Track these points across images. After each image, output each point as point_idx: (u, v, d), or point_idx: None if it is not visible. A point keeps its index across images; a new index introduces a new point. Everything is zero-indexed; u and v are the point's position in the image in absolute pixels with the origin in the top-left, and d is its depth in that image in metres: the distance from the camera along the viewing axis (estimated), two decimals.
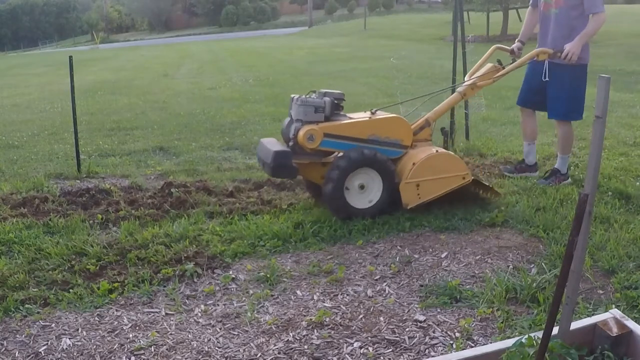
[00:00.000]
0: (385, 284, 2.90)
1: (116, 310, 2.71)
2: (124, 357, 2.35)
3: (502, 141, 5.77)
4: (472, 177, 3.79)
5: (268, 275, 2.97)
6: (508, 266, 3.02)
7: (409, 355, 2.30)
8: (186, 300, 2.80)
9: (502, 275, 2.87)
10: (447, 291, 2.75)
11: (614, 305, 2.49)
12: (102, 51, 29.50)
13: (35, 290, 2.86)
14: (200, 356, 2.34)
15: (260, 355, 2.33)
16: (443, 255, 3.19)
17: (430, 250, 3.27)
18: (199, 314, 2.67)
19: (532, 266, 3.01)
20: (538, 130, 4.71)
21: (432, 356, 2.27)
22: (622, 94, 8.39)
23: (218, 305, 2.75)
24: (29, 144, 6.45)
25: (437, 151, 3.73)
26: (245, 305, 2.73)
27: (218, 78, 12.96)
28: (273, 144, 3.76)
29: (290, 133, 3.67)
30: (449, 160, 3.73)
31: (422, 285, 2.86)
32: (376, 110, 3.87)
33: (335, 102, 3.69)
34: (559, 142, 4.44)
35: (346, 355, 2.32)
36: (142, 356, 2.35)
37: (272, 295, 2.82)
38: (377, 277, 2.98)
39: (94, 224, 3.73)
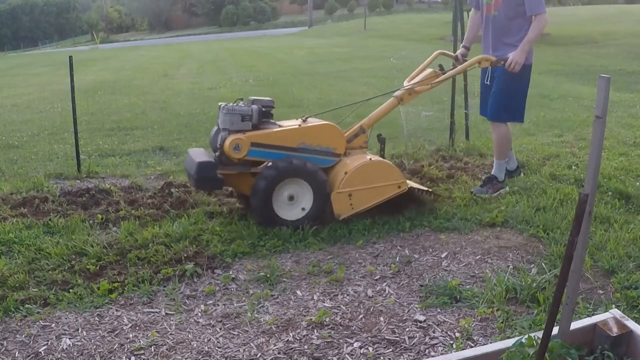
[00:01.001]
0: (385, 284, 2.90)
1: (116, 310, 2.71)
2: (124, 357, 2.35)
3: None
4: (410, 185, 3.67)
5: (268, 275, 2.97)
6: (508, 266, 3.02)
7: (409, 355, 2.30)
8: (186, 300, 2.80)
9: (502, 275, 2.87)
10: (447, 291, 2.75)
11: (614, 305, 2.49)
12: (102, 51, 29.50)
13: (35, 290, 2.86)
14: (200, 356, 2.34)
15: (260, 355, 2.33)
16: (443, 255, 3.19)
17: (430, 250, 3.27)
18: (199, 314, 2.67)
19: (532, 266, 3.01)
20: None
21: (432, 356, 2.27)
22: (622, 94, 8.39)
23: (218, 305, 2.75)
24: (29, 144, 6.45)
25: (370, 159, 3.60)
26: (245, 305, 2.73)
27: (218, 78, 12.96)
28: (199, 155, 3.63)
29: (217, 143, 3.54)
30: (383, 169, 3.61)
31: (422, 285, 2.86)
32: (307, 118, 3.74)
33: (264, 109, 3.56)
34: (494, 146, 4.27)
35: (346, 355, 2.32)
36: (142, 356, 2.35)
37: (272, 295, 2.82)
38: (377, 277, 2.98)
39: (94, 224, 3.73)
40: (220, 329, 2.54)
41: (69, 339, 2.48)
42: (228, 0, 53.36)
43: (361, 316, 2.60)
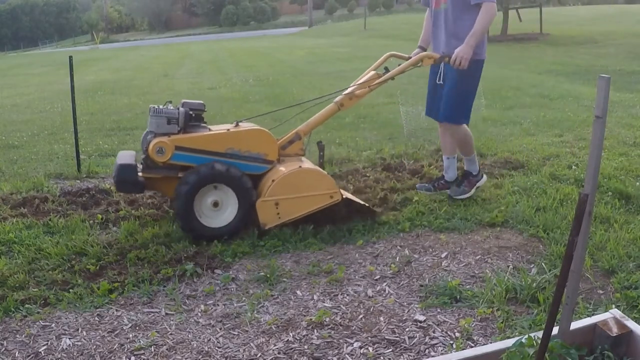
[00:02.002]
0: (385, 284, 2.90)
1: (116, 310, 2.71)
2: (124, 357, 2.35)
3: (502, 141, 5.77)
4: (344, 196, 3.51)
5: (268, 275, 2.97)
6: (508, 266, 3.02)
7: (409, 355, 2.30)
8: (186, 300, 2.80)
9: (502, 275, 2.87)
10: (447, 291, 2.75)
11: (614, 305, 2.49)
12: (102, 51, 29.51)
13: (35, 290, 2.86)
14: (200, 356, 2.34)
15: (260, 355, 2.34)
16: (443, 255, 3.19)
17: (430, 250, 3.27)
18: (199, 314, 2.67)
19: (532, 266, 3.01)
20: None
21: (432, 356, 2.27)
22: (622, 94, 8.38)
23: (218, 305, 2.75)
24: (29, 144, 6.45)
25: (300, 167, 3.44)
26: (245, 305, 2.73)
27: (218, 78, 12.96)
28: (123, 157, 3.54)
29: (144, 145, 3.45)
30: (314, 178, 3.43)
31: (422, 285, 2.86)
32: (239, 122, 3.62)
33: (191, 112, 3.46)
34: (458, 146, 4.07)
35: (346, 355, 2.32)
36: (142, 356, 2.35)
37: (272, 295, 2.82)
38: (377, 277, 2.98)
39: (94, 224, 3.73)
40: (220, 329, 2.55)
41: (69, 339, 2.48)
42: (228, 0, 53.36)
43: (361, 316, 2.60)
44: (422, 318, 2.56)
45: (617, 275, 2.82)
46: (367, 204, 3.67)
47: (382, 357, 2.30)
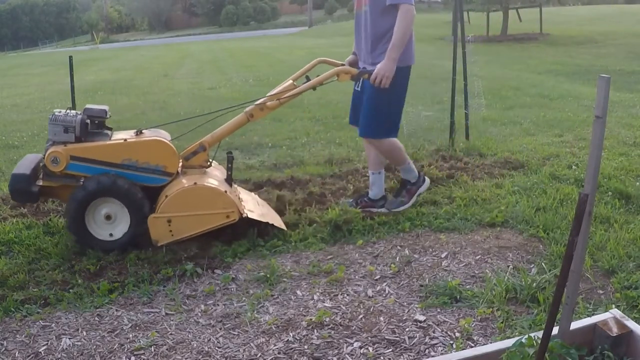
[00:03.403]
0: (385, 284, 2.90)
1: (116, 310, 2.71)
2: (124, 357, 2.35)
3: (502, 141, 5.77)
4: (245, 215, 3.29)
5: (268, 275, 2.97)
6: (508, 266, 3.02)
7: (409, 355, 2.30)
8: (186, 300, 2.80)
9: (502, 275, 2.87)
10: (447, 291, 2.75)
11: (614, 305, 2.49)
12: (102, 51, 29.50)
13: (35, 290, 2.87)
14: (200, 356, 2.34)
15: (260, 355, 2.34)
16: (443, 255, 3.19)
17: (430, 250, 3.27)
18: (199, 314, 2.67)
19: (532, 266, 3.01)
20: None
21: (432, 356, 2.27)
22: (622, 94, 8.38)
23: (218, 305, 2.75)
24: (29, 144, 6.44)
25: (195, 184, 3.25)
26: (245, 305, 2.73)
27: (218, 78, 12.95)
28: (21, 165, 3.43)
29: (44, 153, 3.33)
30: (209, 195, 3.24)
31: (422, 285, 2.86)
32: (141, 131, 3.44)
33: (88, 120, 3.32)
34: (387, 159, 3.87)
35: (346, 355, 2.32)
36: (142, 356, 2.35)
37: (272, 295, 2.82)
38: (377, 277, 2.98)
39: None
40: (220, 329, 2.55)
41: (69, 339, 2.48)
42: (228, 0, 53.36)
43: (361, 316, 2.60)
44: (422, 318, 2.56)
45: (617, 275, 2.82)
46: (271, 223, 3.43)
47: (382, 357, 2.30)
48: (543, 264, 2.98)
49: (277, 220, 3.54)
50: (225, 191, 3.27)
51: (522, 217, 3.61)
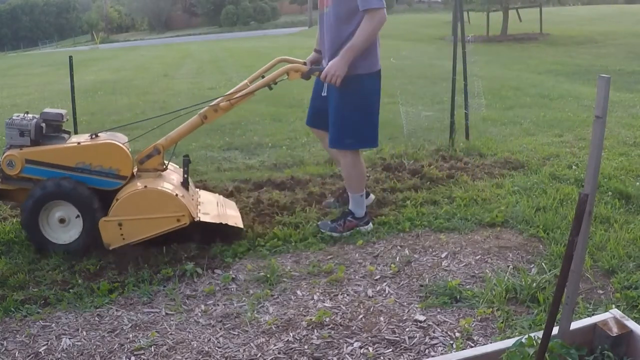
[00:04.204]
0: (385, 284, 2.90)
1: (116, 310, 2.71)
2: (124, 357, 2.35)
3: (502, 141, 5.77)
4: (197, 218, 3.26)
5: (268, 275, 2.97)
6: (508, 266, 3.02)
7: (409, 355, 2.30)
8: (186, 300, 2.80)
9: (502, 275, 2.87)
10: (447, 291, 2.75)
11: (614, 305, 2.49)
12: (102, 51, 29.50)
13: (35, 290, 2.87)
14: (200, 356, 2.34)
15: (260, 355, 2.34)
16: (443, 255, 3.19)
17: (430, 250, 3.27)
18: (199, 314, 2.67)
19: (532, 266, 3.01)
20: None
21: (432, 356, 2.27)
22: (622, 94, 8.38)
23: (218, 305, 2.75)
24: None
25: (145, 187, 3.21)
26: (245, 305, 2.73)
27: (218, 78, 12.95)
28: None
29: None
30: (159, 199, 3.18)
31: (422, 285, 2.86)
32: (97, 134, 3.41)
33: (44, 124, 3.30)
34: (344, 177, 3.66)
35: (346, 355, 2.32)
36: (142, 356, 2.35)
37: (272, 295, 2.82)
38: (377, 277, 2.98)
39: None
40: (220, 329, 2.55)
41: (69, 339, 2.48)
42: (228, 0, 53.35)
43: (361, 316, 2.60)
44: (422, 318, 2.56)
45: (617, 275, 2.82)
46: (225, 222, 3.37)
47: (382, 357, 2.30)
48: (543, 264, 2.98)
49: (233, 220, 3.47)
50: (177, 194, 3.22)
51: (522, 217, 3.61)
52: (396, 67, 11.12)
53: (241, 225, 3.48)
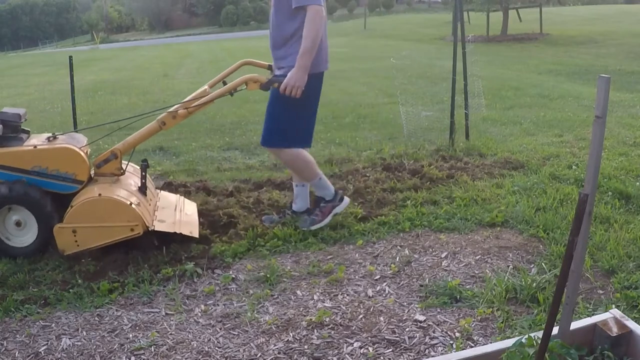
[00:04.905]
0: (385, 284, 2.90)
1: (116, 310, 2.71)
2: (124, 357, 2.35)
3: (502, 141, 5.77)
4: (152, 227, 3.21)
5: (268, 275, 2.97)
6: (508, 266, 3.02)
7: (409, 355, 2.30)
8: (186, 300, 2.80)
9: (502, 275, 2.87)
10: (447, 291, 2.75)
11: (614, 305, 2.49)
12: (102, 51, 29.50)
13: (35, 290, 2.87)
14: (200, 356, 2.34)
15: (260, 355, 2.34)
16: (443, 255, 3.19)
17: (430, 250, 3.27)
18: (199, 314, 2.67)
19: (532, 266, 3.01)
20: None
21: (432, 356, 2.27)
22: (622, 94, 8.38)
23: (218, 305, 2.75)
24: None
25: (99, 195, 3.15)
26: (245, 305, 2.73)
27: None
28: None
29: None
30: (113, 208, 3.13)
31: (422, 285, 2.86)
32: (55, 136, 3.38)
33: (0, 125, 3.25)
34: (294, 174, 3.62)
35: (346, 355, 2.32)
36: (142, 356, 2.35)
37: (272, 295, 2.82)
38: (377, 277, 2.98)
39: None
40: (220, 329, 2.55)
41: (69, 339, 2.48)
42: (228, 0, 53.35)
43: (361, 316, 2.60)
44: (422, 318, 2.56)
45: (617, 275, 2.82)
46: (179, 232, 3.31)
47: (382, 357, 2.30)
48: (543, 264, 2.98)
49: (188, 229, 3.39)
50: (131, 203, 3.16)
51: (522, 217, 3.61)
52: (396, 67, 11.12)
53: (196, 235, 3.39)
